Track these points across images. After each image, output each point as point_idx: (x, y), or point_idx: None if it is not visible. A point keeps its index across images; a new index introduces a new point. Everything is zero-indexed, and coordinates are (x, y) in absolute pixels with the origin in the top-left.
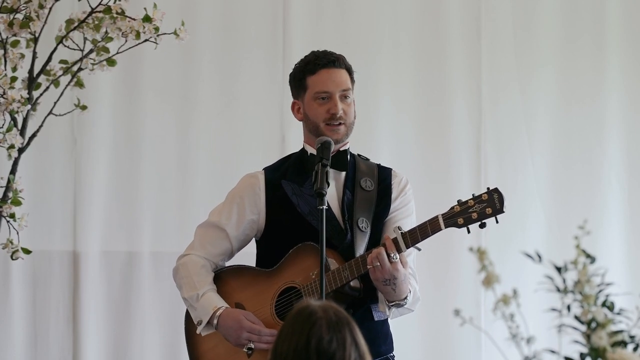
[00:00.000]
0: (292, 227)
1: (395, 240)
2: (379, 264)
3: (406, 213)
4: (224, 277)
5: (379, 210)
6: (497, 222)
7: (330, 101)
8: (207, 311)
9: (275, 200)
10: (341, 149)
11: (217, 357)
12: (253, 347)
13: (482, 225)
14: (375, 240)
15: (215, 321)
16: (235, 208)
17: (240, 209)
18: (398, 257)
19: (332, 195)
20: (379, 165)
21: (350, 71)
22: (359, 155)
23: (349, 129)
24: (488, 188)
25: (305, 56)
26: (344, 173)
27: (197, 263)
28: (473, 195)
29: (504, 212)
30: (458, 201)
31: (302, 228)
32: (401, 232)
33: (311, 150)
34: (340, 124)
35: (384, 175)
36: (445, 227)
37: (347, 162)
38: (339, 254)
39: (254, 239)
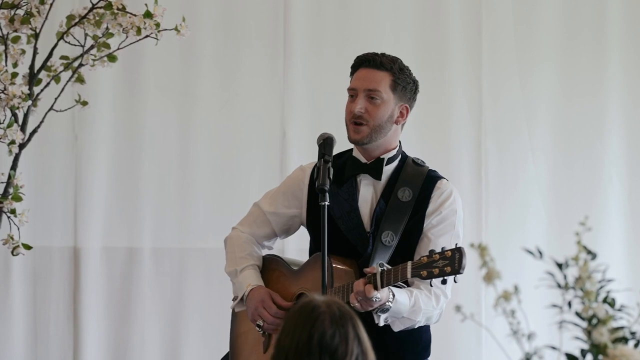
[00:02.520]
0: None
1: (373, 277)
2: (361, 298)
3: (442, 231)
4: (265, 264)
5: (411, 223)
6: (455, 281)
7: (355, 99)
8: (242, 288)
9: (315, 198)
10: (381, 156)
11: (245, 342)
12: (261, 324)
13: (444, 282)
14: (402, 254)
15: (245, 299)
16: (280, 199)
17: (284, 201)
18: (380, 298)
19: (366, 202)
20: (429, 173)
21: (395, 74)
22: (413, 160)
23: (373, 131)
24: (456, 244)
25: None
26: (382, 181)
27: (241, 238)
28: (442, 249)
29: (461, 273)
30: (430, 251)
31: (331, 230)
32: (382, 270)
33: (354, 151)
34: (362, 124)
35: (427, 185)
36: (412, 277)
37: (383, 171)
38: (357, 267)
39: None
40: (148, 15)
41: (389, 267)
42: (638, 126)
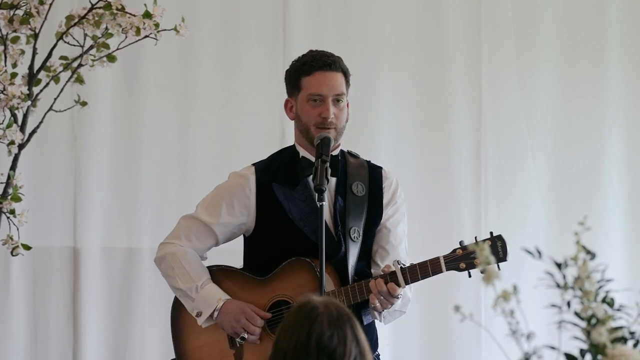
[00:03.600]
0: (283, 232)
1: (394, 275)
2: (382, 297)
3: (397, 220)
4: (214, 277)
5: (370, 216)
6: (499, 269)
7: (323, 105)
8: (210, 303)
9: (266, 203)
10: (333, 154)
11: (204, 356)
12: (246, 337)
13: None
14: (365, 249)
15: (216, 313)
16: (224, 208)
17: (229, 210)
18: (403, 295)
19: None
20: (369, 164)
21: (346, 74)
22: (348, 152)
23: (338, 134)
24: (491, 233)
25: (303, 55)
26: (334, 178)
27: (187, 253)
28: (476, 239)
29: (506, 260)
30: (460, 243)
31: (292, 234)
32: (401, 267)
33: (303, 152)
34: (331, 128)
35: (374, 177)
36: (447, 270)
37: (339, 168)
38: (334, 268)
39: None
40: (147, 15)
41: (405, 264)
42: (638, 126)
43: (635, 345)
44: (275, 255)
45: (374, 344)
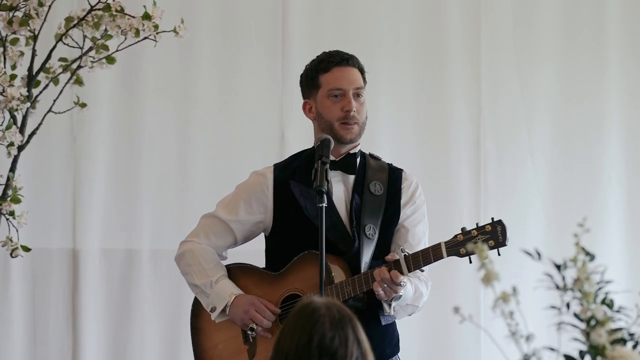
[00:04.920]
0: (299, 228)
1: (397, 263)
2: (385, 285)
3: (416, 220)
4: (232, 274)
5: (387, 215)
6: (499, 254)
7: (344, 99)
8: (223, 298)
9: (283, 201)
10: (351, 152)
11: (219, 355)
12: (255, 327)
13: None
14: (382, 247)
15: (228, 308)
16: (242, 205)
17: (247, 208)
18: (406, 282)
19: (340, 199)
20: (390, 166)
21: (362, 71)
22: (370, 154)
23: (361, 129)
24: (492, 219)
25: (317, 56)
26: (352, 176)
27: (204, 250)
28: (477, 225)
29: (506, 245)
30: (462, 229)
31: (308, 230)
32: (404, 255)
33: None
34: (354, 123)
35: (394, 178)
36: (448, 256)
37: (356, 165)
38: (346, 262)
39: (262, 234)
40: (146, 17)
41: (408, 252)
42: (637, 127)
43: (634, 347)
44: (293, 252)
45: (394, 345)
